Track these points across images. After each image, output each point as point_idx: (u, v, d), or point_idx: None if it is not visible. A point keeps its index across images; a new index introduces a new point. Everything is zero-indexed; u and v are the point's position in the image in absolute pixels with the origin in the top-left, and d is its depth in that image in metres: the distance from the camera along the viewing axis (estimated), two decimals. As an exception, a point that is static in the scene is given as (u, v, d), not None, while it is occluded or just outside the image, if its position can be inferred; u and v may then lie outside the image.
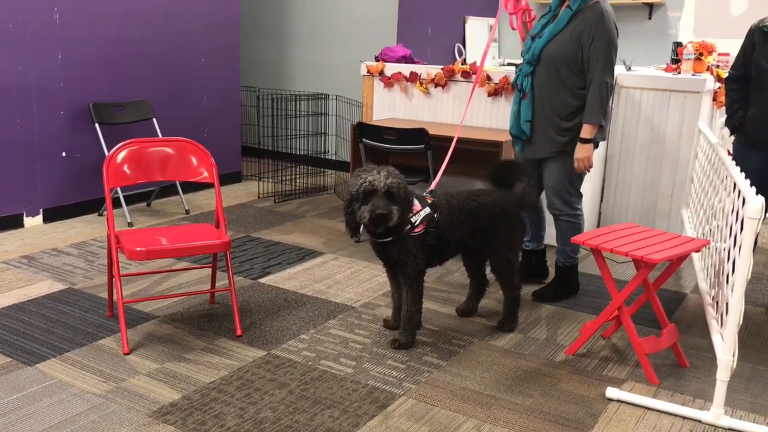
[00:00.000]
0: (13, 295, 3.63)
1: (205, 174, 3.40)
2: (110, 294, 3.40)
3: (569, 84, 3.47)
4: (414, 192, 3.14)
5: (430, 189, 3.28)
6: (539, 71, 3.51)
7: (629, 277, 4.12)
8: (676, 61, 5.05)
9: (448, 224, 3.11)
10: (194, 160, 3.40)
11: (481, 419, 2.61)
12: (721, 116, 4.53)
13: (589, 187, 4.80)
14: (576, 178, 3.64)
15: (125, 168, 3.28)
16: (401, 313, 3.17)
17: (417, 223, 3.03)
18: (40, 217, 4.94)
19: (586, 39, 3.38)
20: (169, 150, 3.38)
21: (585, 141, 3.47)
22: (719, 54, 4.96)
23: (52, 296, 3.64)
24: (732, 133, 3.72)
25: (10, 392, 2.70)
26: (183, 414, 2.59)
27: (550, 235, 4.16)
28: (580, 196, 3.72)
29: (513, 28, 3.70)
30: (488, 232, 3.22)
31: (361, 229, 3.05)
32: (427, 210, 3.07)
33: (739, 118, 3.64)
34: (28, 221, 4.87)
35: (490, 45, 3.56)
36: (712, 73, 4.74)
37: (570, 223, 3.69)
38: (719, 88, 4.75)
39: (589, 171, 3.57)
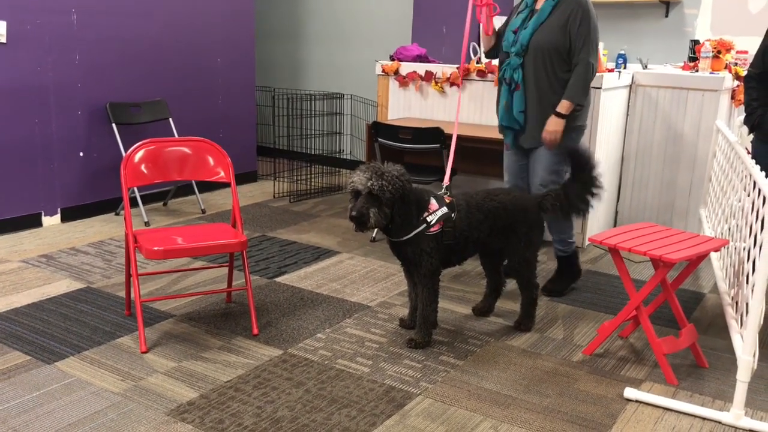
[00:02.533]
0: (32, 294, 3.66)
1: (222, 174, 3.42)
2: (128, 293, 3.42)
3: (559, 70, 3.55)
4: (431, 192, 3.14)
5: (445, 187, 3.27)
6: (528, 62, 3.57)
7: (647, 277, 4.09)
8: (694, 59, 5.01)
9: (467, 224, 3.10)
10: (211, 160, 3.42)
11: (498, 419, 2.61)
12: (740, 114, 4.49)
13: (605, 186, 4.77)
14: (558, 166, 3.66)
15: (143, 168, 3.30)
16: (417, 313, 3.16)
17: (433, 222, 3.02)
18: (58, 217, 4.98)
19: (573, 25, 3.48)
20: (186, 150, 3.39)
21: (559, 115, 3.54)
22: (737, 52, 4.91)
23: (71, 295, 3.67)
24: (751, 131, 3.68)
25: (30, 390, 2.73)
26: (201, 413, 2.60)
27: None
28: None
29: (479, 21, 3.71)
30: (507, 231, 3.21)
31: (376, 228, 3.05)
32: (444, 209, 3.06)
33: (758, 116, 3.59)
34: (46, 220, 4.92)
35: (467, 42, 3.61)
36: (730, 71, 4.69)
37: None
38: (738, 86, 4.70)
39: (554, 148, 3.59)
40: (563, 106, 3.53)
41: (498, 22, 3.92)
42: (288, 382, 2.83)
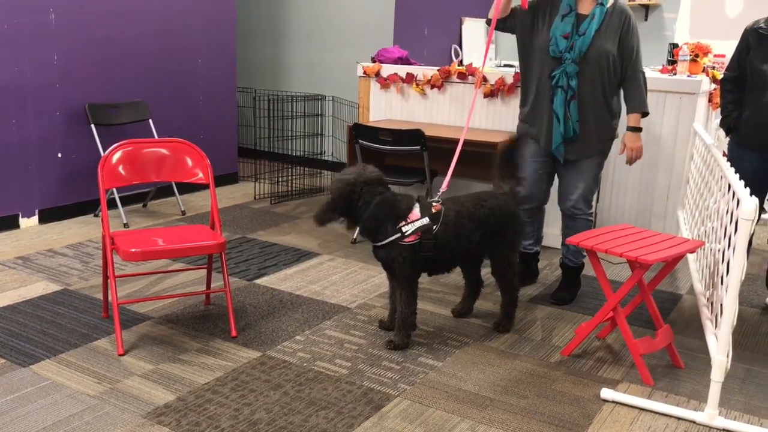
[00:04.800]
0: (8, 296, 3.62)
1: (201, 175, 3.40)
2: (105, 295, 3.39)
3: (611, 81, 3.52)
4: (421, 199, 3.12)
5: (441, 192, 3.26)
6: (584, 69, 3.47)
7: (624, 278, 4.12)
8: (672, 62, 5.06)
9: (454, 236, 3.08)
10: (189, 161, 3.40)
11: (476, 420, 2.61)
12: (717, 117, 4.55)
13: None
14: (600, 176, 3.70)
15: (120, 169, 3.28)
16: (396, 315, 3.17)
17: (408, 233, 3.01)
18: (35, 218, 4.93)
19: (626, 34, 3.48)
20: (164, 151, 3.37)
21: (635, 130, 3.56)
22: (715, 55, 4.97)
23: (47, 297, 3.64)
24: (727, 134, 3.73)
25: (4, 394, 2.70)
26: (177, 415, 2.58)
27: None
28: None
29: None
30: (494, 236, 3.21)
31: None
32: (425, 221, 3.04)
33: (734, 119, 3.65)
34: (23, 222, 4.87)
35: (489, 48, 3.53)
36: (707, 75, 4.74)
37: (587, 221, 3.69)
38: (715, 89, 4.76)
39: (640, 159, 3.68)
40: (635, 119, 3.53)
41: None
42: (266, 385, 2.82)
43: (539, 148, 3.67)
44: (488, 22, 3.66)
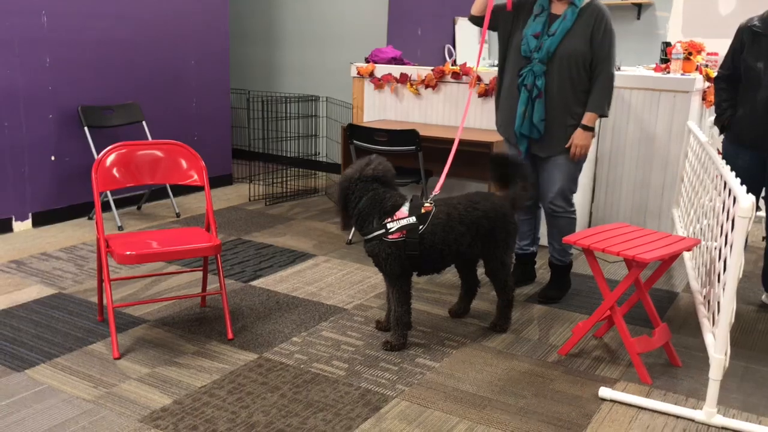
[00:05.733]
0: (2, 301, 3.60)
1: (195, 177, 3.39)
2: (100, 298, 3.37)
3: (581, 80, 3.51)
4: (414, 198, 3.12)
5: (433, 195, 3.25)
6: (552, 69, 3.49)
7: (621, 277, 4.12)
8: (665, 60, 5.06)
9: (442, 238, 3.07)
10: (184, 163, 3.39)
11: (474, 420, 2.61)
12: (711, 115, 4.55)
13: (579, 187, 4.80)
14: (579, 171, 3.67)
15: (114, 171, 3.26)
16: (391, 315, 3.16)
17: (393, 229, 3.02)
18: (29, 222, 4.91)
19: (597, 34, 3.45)
20: (159, 153, 3.36)
21: (586, 128, 3.52)
22: (708, 53, 4.98)
23: (42, 301, 3.61)
24: (721, 132, 3.73)
25: (0, 398, 2.67)
26: (174, 419, 2.57)
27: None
28: (576, 190, 3.76)
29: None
30: (487, 237, 3.20)
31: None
32: (411, 220, 3.04)
33: (728, 117, 3.65)
34: (17, 225, 4.84)
35: (482, 48, 3.54)
36: (701, 73, 4.75)
37: (570, 219, 3.69)
38: (708, 87, 4.77)
39: (584, 159, 3.62)
40: (590, 119, 3.50)
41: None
42: (263, 387, 2.81)
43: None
44: (471, 19, 3.69)
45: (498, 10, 3.62)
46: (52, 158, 4.98)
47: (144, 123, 5.32)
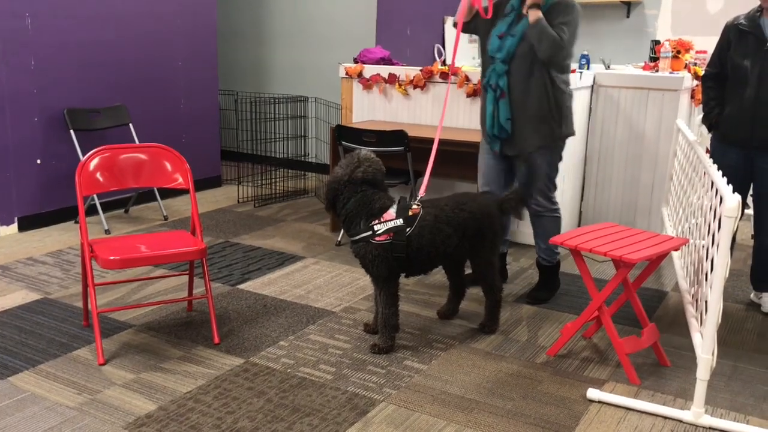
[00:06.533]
0: (-14, 307, 3.56)
1: (180, 180, 3.35)
2: (85, 303, 3.34)
3: (545, 77, 3.48)
4: (402, 200, 3.10)
5: (419, 197, 3.23)
6: (514, 69, 3.50)
7: (610, 277, 4.11)
8: (655, 59, 5.06)
9: (430, 240, 3.05)
10: (168, 166, 3.35)
11: (461, 424, 2.59)
12: (700, 114, 4.55)
13: (569, 186, 4.80)
14: (554, 170, 3.66)
15: (98, 175, 3.23)
16: (379, 317, 3.14)
17: (380, 232, 2.99)
18: (15, 226, 4.86)
19: (555, 19, 3.38)
20: (143, 156, 3.32)
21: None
22: (697, 51, 4.97)
23: (27, 307, 3.58)
24: (709, 130, 3.73)
25: (-19, 407, 2.64)
26: (159, 425, 2.54)
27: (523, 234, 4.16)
28: (556, 188, 3.74)
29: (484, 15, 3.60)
30: (474, 238, 3.19)
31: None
32: (398, 222, 3.02)
33: (715, 115, 3.64)
34: (2, 230, 4.79)
35: (457, 45, 3.54)
36: (689, 71, 4.75)
37: (553, 218, 3.68)
38: (697, 85, 4.76)
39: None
40: (535, 12, 3.35)
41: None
42: (249, 392, 2.78)
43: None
44: (455, 25, 3.69)
45: (478, 14, 3.61)
46: (38, 162, 4.93)
47: (131, 125, 5.28)
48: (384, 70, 5.16)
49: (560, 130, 3.59)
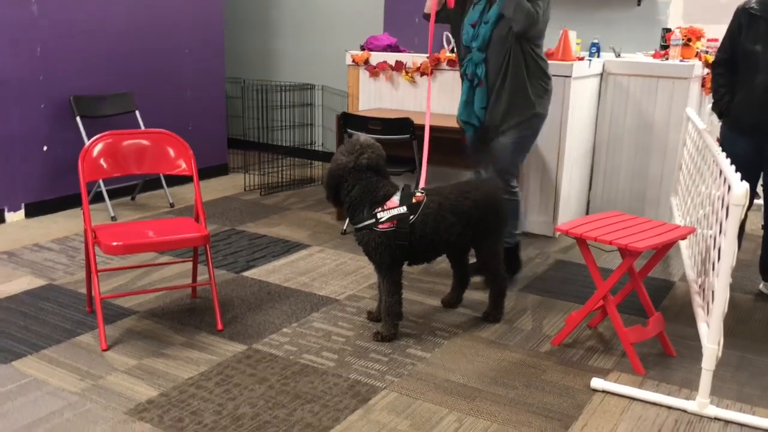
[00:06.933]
0: (-9, 292, 3.57)
1: (184, 166, 3.34)
2: (89, 290, 3.34)
3: (522, 57, 3.47)
4: (405, 188, 3.07)
5: (422, 186, 3.20)
6: (491, 55, 3.49)
7: (616, 266, 4.07)
8: (665, 47, 4.99)
9: (433, 228, 3.03)
10: (172, 152, 3.34)
11: (463, 412, 2.57)
12: (710, 102, 4.49)
13: (576, 175, 4.76)
14: (521, 152, 3.64)
15: (101, 161, 3.22)
16: (382, 305, 3.12)
17: (383, 219, 2.97)
18: (21, 212, 4.87)
19: None
20: (146, 142, 3.31)
21: None
22: (708, 40, 4.90)
23: (32, 292, 3.58)
24: (719, 117, 3.67)
25: (-16, 391, 2.65)
26: (160, 411, 2.54)
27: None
28: (518, 172, 3.75)
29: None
30: (478, 227, 3.16)
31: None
32: (402, 210, 3.00)
33: (726, 102, 3.59)
34: (9, 216, 4.80)
35: (432, 35, 3.53)
36: (700, 59, 4.69)
37: (511, 201, 3.65)
38: (708, 74, 4.70)
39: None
40: None
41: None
42: (251, 378, 2.77)
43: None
44: (426, 17, 3.67)
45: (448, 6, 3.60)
46: (44, 149, 4.94)
47: (137, 113, 5.27)
48: (391, 58, 5.13)
49: (535, 109, 3.57)
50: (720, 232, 2.58)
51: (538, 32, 3.46)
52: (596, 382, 2.75)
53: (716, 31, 5.14)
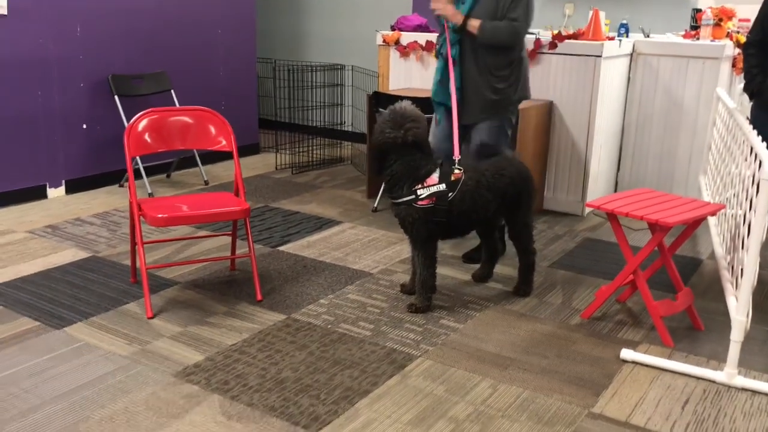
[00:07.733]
0: (39, 263, 3.72)
1: (224, 143, 3.45)
2: (133, 261, 3.47)
3: (494, 49, 3.49)
4: (445, 165, 3.13)
5: (457, 161, 3.26)
6: (465, 38, 3.51)
7: (644, 244, 4.12)
8: (695, 27, 5.00)
9: (471, 205, 3.10)
10: (213, 129, 3.45)
11: (497, 379, 2.67)
12: (740, 82, 4.50)
13: (605, 155, 4.80)
14: (503, 139, 3.67)
15: (146, 137, 3.34)
16: (416, 278, 3.22)
17: (423, 196, 3.05)
18: (62, 189, 5.03)
19: (503, 3, 3.41)
20: (188, 119, 3.42)
21: (464, 23, 3.45)
22: (740, 20, 4.90)
23: (77, 264, 3.73)
24: (751, 98, 3.69)
25: (40, 354, 2.79)
26: (206, 374, 2.66)
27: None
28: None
29: None
30: (512, 203, 3.24)
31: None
32: (441, 187, 3.07)
33: (758, 83, 3.61)
34: (51, 192, 4.97)
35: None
36: (731, 39, 4.69)
37: None
38: (738, 54, 4.70)
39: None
40: (472, 23, 3.42)
41: None
42: (291, 345, 2.89)
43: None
44: (437, 18, 3.64)
45: None
46: (84, 126, 5.08)
47: (172, 92, 5.39)
48: (421, 38, 5.19)
49: (515, 95, 3.60)
50: (750, 208, 2.64)
51: (526, 32, 3.50)
52: (626, 353, 2.83)
53: (747, 11, 5.12)
